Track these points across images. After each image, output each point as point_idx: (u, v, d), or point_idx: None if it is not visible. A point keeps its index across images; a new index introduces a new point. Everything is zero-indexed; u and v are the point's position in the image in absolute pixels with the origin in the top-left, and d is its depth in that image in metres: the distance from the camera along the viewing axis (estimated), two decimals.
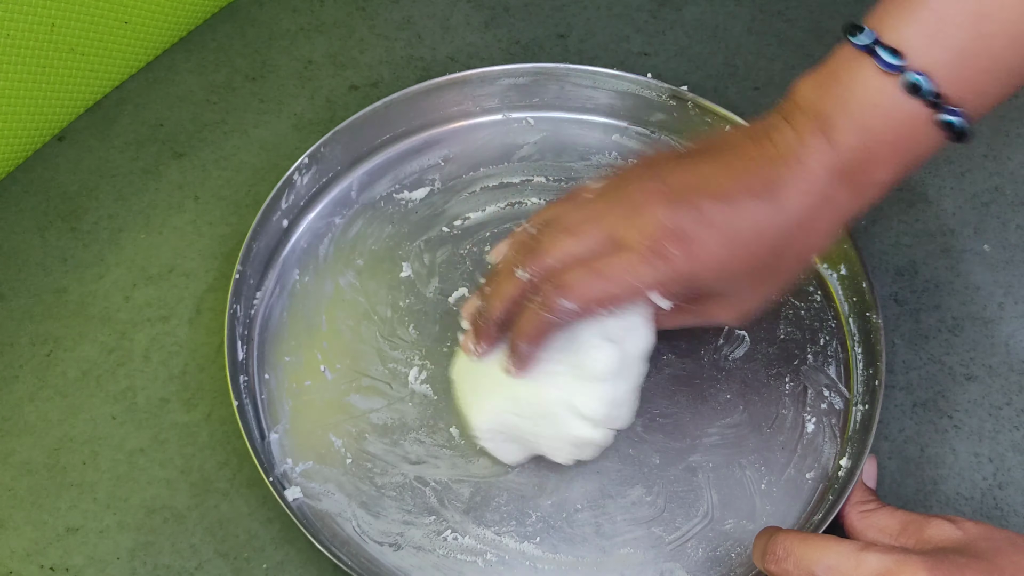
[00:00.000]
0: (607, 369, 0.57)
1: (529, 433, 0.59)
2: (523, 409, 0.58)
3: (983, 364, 0.66)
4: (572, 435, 0.58)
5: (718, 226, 0.53)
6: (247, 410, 0.62)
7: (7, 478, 0.62)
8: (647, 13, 0.81)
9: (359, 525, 0.60)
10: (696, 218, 0.53)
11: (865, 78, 0.52)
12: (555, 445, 0.59)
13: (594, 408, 0.58)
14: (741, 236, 0.53)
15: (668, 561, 0.59)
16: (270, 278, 0.68)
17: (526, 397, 0.58)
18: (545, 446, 0.59)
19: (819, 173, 0.53)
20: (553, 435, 0.58)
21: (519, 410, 0.58)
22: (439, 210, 0.71)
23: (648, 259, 0.53)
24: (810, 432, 0.62)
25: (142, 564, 0.59)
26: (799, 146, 0.53)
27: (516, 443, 0.60)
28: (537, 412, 0.58)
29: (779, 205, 0.53)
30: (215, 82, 0.78)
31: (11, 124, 0.71)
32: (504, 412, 0.58)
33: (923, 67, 0.51)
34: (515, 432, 0.59)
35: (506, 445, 0.60)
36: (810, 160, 0.53)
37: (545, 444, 0.59)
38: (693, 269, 0.53)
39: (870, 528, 0.55)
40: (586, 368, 0.57)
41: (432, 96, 0.72)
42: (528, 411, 0.58)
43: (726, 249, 0.53)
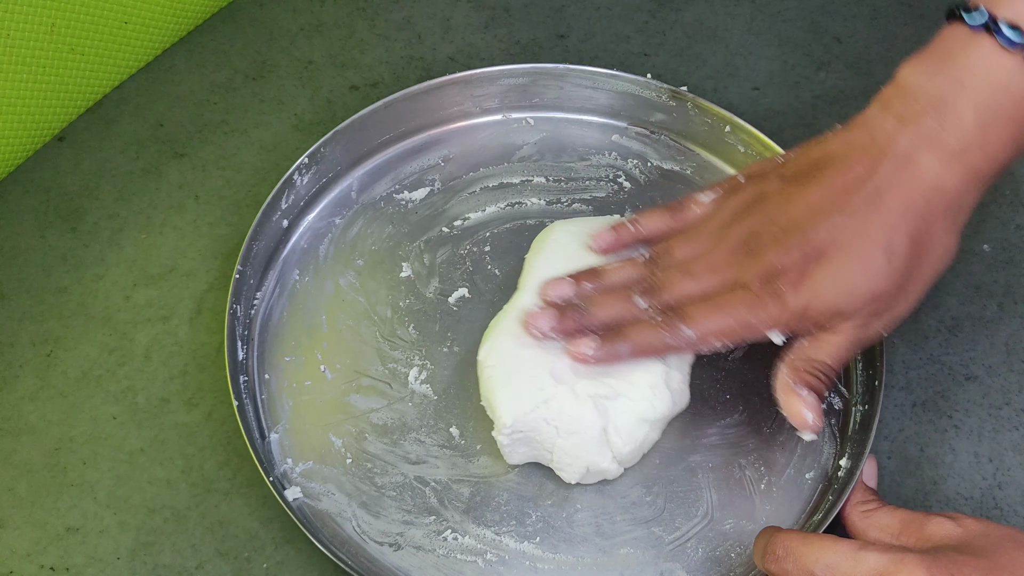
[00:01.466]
0: (658, 416, 0.59)
1: (548, 441, 0.59)
2: (555, 417, 0.58)
3: (983, 364, 0.66)
4: (592, 460, 0.59)
5: (826, 259, 0.55)
6: (247, 410, 0.62)
7: (7, 478, 0.62)
8: (647, 13, 0.81)
9: (359, 525, 0.60)
10: (805, 254, 0.55)
11: (985, 56, 0.52)
12: (568, 462, 0.59)
13: (625, 444, 0.59)
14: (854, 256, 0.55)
15: (668, 561, 0.59)
16: (270, 278, 0.68)
17: (563, 408, 0.58)
18: (557, 459, 0.59)
19: (926, 164, 0.53)
20: (573, 453, 0.58)
21: (550, 416, 0.58)
22: (439, 210, 0.71)
23: (762, 298, 0.55)
24: None
25: (142, 564, 0.59)
26: (903, 137, 0.54)
27: (528, 446, 0.60)
28: (567, 427, 0.58)
29: (886, 216, 0.54)
30: (215, 82, 0.78)
31: (11, 124, 0.71)
32: (535, 413, 0.58)
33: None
34: (535, 436, 0.59)
35: (518, 446, 0.60)
36: (917, 153, 0.54)
37: (559, 458, 0.59)
38: (804, 303, 0.55)
39: (872, 527, 0.55)
40: (637, 405, 0.58)
41: (432, 96, 0.72)
42: (559, 421, 0.58)
43: (835, 281, 0.55)
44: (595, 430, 0.58)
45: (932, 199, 0.54)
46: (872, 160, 0.55)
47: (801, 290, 0.55)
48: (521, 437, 0.59)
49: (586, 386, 0.58)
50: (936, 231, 0.55)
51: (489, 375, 0.60)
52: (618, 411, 0.58)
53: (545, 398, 0.58)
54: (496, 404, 0.59)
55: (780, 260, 0.55)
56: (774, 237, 0.56)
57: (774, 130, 0.73)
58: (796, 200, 0.56)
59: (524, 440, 0.59)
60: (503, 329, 0.61)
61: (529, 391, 0.58)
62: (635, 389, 0.58)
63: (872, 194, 0.55)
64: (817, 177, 0.56)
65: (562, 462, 0.59)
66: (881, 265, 0.54)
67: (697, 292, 0.57)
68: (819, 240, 0.55)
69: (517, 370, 0.59)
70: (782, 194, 0.57)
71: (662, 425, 0.60)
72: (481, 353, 0.61)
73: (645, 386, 0.58)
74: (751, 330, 0.56)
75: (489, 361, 0.60)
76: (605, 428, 0.58)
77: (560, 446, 0.58)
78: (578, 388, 0.58)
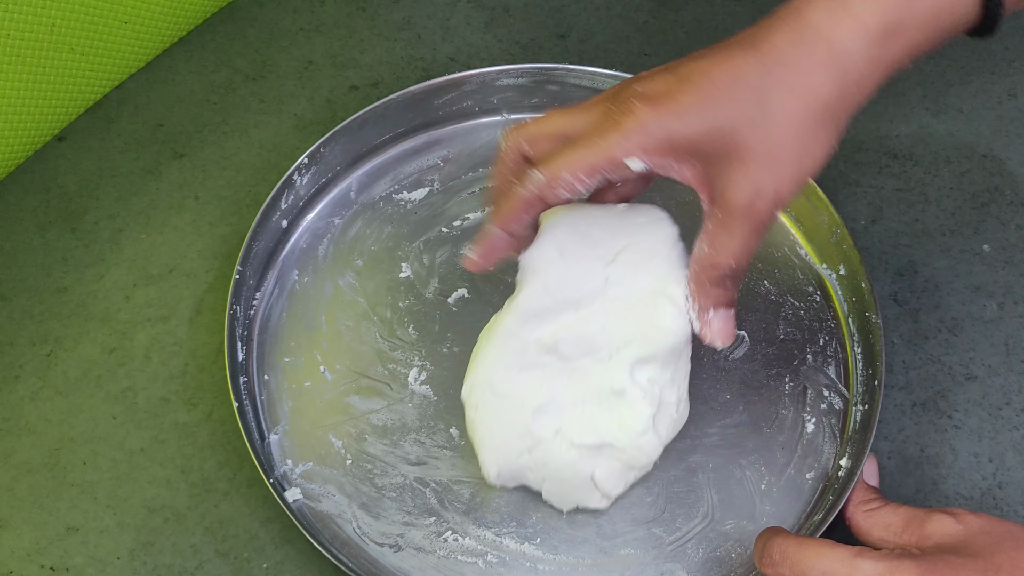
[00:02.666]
0: (646, 462, 0.58)
1: (535, 483, 0.59)
2: (539, 467, 0.58)
3: (983, 364, 0.66)
4: (580, 500, 0.59)
5: (690, 78, 0.51)
6: (247, 411, 0.62)
7: (7, 478, 0.62)
8: (647, 13, 0.81)
9: (359, 526, 0.60)
10: (669, 79, 0.52)
11: None
12: (556, 500, 0.59)
13: (613, 489, 0.59)
14: (715, 81, 0.51)
15: (668, 562, 0.59)
16: (270, 278, 0.68)
17: (547, 459, 0.57)
18: (547, 495, 0.59)
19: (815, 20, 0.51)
20: (560, 494, 0.59)
21: (534, 465, 0.58)
22: (438, 211, 0.71)
23: (616, 120, 0.52)
24: (810, 432, 0.62)
25: (142, 564, 0.59)
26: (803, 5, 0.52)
27: (517, 481, 0.60)
28: (553, 475, 0.58)
29: (761, 49, 0.51)
30: (215, 82, 0.78)
31: (11, 124, 0.71)
32: (519, 461, 0.58)
33: None
34: (523, 476, 0.59)
35: (507, 482, 0.60)
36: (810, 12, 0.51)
37: (547, 495, 0.59)
38: (660, 119, 0.51)
39: (875, 526, 0.54)
40: (624, 454, 0.57)
41: (432, 96, 0.72)
42: (544, 470, 0.58)
43: (695, 95, 0.51)
44: (582, 477, 0.58)
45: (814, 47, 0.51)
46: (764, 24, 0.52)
47: (661, 110, 0.51)
48: (510, 477, 0.59)
49: (571, 434, 0.57)
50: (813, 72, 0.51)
51: (471, 417, 0.59)
52: (605, 458, 0.57)
53: (528, 447, 0.57)
54: (479, 452, 0.59)
55: (645, 87, 0.52)
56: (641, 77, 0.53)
57: None
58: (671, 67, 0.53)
59: (511, 480, 0.59)
60: (485, 367, 0.58)
61: (512, 438, 0.57)
62: (622, 435, 0.57)
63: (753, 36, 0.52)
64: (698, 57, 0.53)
65: (551, 498, 0.59)
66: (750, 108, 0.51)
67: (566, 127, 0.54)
68: (686, 67, 0.52)
69: (498, 415, 0.58)
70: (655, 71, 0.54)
71: (650, 465, 0.60)
72: (464, 389, 0.59)
73: (632, 432, 0.57)
74: (602, 155, 0.52)
75: (471, 400, 0.59)
76: (592, 475, 0.58)
77: (547, 488, 0.59)
78: (562, 437, 0.57)
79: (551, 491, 0.59)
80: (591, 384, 0.57)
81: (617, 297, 0.57)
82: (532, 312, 0.58)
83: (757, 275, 0.68)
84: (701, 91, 0.51)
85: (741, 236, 0.52)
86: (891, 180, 0.73)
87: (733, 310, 0.55)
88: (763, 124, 0.51)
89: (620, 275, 0.58)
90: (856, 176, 0.73)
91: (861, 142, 0.74)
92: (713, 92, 0.51)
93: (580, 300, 0.58)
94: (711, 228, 0.53)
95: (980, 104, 0.76)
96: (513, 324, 0.58)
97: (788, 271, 0.68)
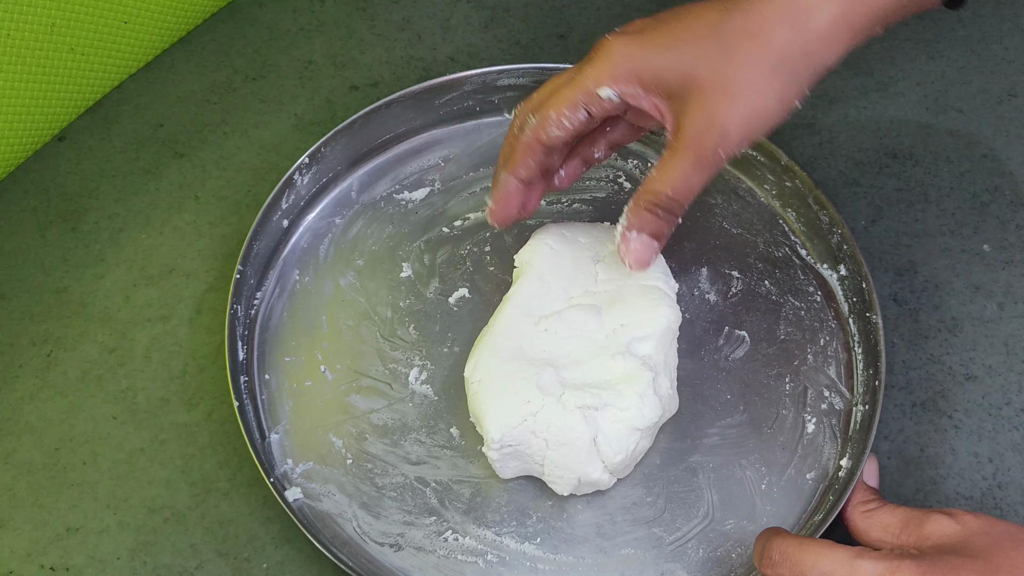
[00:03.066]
0: (648, 423, 0.59)
1: (538, 454, 0.59)
2: (543, 429, 0.58)
3: (983, 364, 0.66)
4: (583, 471, 0.58)
5: (661, 19, 0.56)
6: (247, 410, 0.62)
7: (7, 478, 0.62)
8: (647, 13, 0.81)
9: (359, 526, 0.60)
10: (644, 21, 0.57)
11: None
12: (559, 474, 0.59)
13: (616, 453, 0.58)
14: (682, 21, 0.55)
15: (669, 562, 0.59)
16: (270, 278, 0.68)
17: (551, 419, 0.58)
18: (548, 472, 0.59)
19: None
20: (563, 465, 0.58)
21: (538, 428, 0.58)
22: (439, 210, 0.71)
23: (590, 57, 0.56)
24: (810, 432, 0.62)
25: (142, 564, 0.59)
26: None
27: (519, 460, 0.60)
28: (556, 438, 0.58)
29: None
30: (215, 82, 0.78)
31: (11, 124, 0.71)
32: (523, 426, 0.58)
33: None
34: (525, 449, 0.59)
35: (509, 460, 0.60)
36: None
37: (549, 470, 0.59)
38: (628, 50, 0.55)
39: (873, 527, 0.54)
40: (626, 413, 0.58)
41: (433, 96, 0.72)
42: (547, 433, 0.58)
43: (663, 32, 0.55)
44: (585, 440, 0.58)
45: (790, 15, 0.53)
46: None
47: (630, 43, 0.55)
48: (511, 451, 0.59)
49: (573, 397, 0.58)
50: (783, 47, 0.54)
51: (475, 391, 0.60)
52: (607, 420, 0.58)
53: (532, 410, 0.58)
54: (484, 419, 0.59)
55: (621, 28, 0.57)
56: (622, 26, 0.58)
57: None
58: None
59: (514, 454, 0.59)
60: (488, 345, 0.61)
61: (516, 404, 0.58)
62: (623, 398, 0.58)
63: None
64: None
65: (553, 474, 0.59)
66: (710, 47, 0.54)
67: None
68: (661, 15, 0.56)
69: (503, 384, 0.59)
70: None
71: (653, 432, 0.60)
72: (467, 370, 0.61)
73: (633, 394, 0.58)
74: (578, 89, 0.56)
75: (475, 377, 0.60)
76: (595, 438, 0.58)
77: (550, 458, 0.58)
78: (565, 399, 0.58)
79: (553, 463, 0.58)
80: (592, 352, 0.60)
81: (609, 289, 0.62)
82: (531, 297, 0.62)
83: (758, 275, 0.68)
84: (669, 30, 0.55)
85: (682, 166, 0.55)
86: (891, 180, 0.73)
87: (656, 243, 0.57)
88: (719, 62, 0.54)
89: (610, 272, 0.63)
90: (856, 176, 0.73)
91: (861, 142, 0.74)
92: (679, 30, 0.55)
93: (575, 288, 0.63)
94: (662, 157, 0.56)
95: (980, 104, 0.76)
96: (514, 310, 0.62)
97: (789, 271, 0.68)
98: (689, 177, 0.55)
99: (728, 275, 0.68)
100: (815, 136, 0.74)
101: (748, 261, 0.68)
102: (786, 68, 0.54)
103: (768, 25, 0.53)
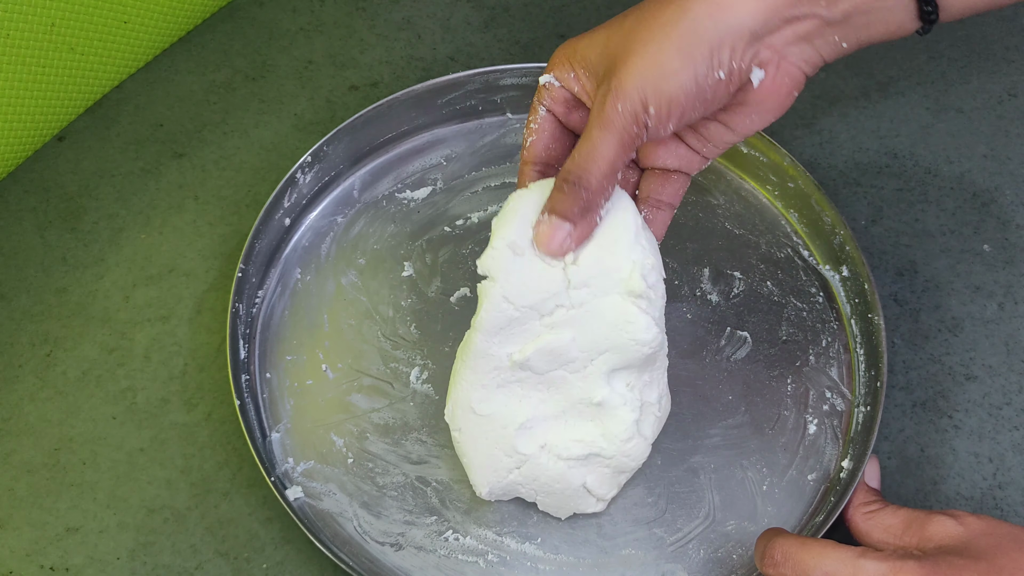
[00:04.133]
0: (634, 466, 0.58)
1: (529, 496, 0.59)
2: (529, 482, 0.58)
3: (983, 364, 0.66)
4: (576, 507, 0.59)
5: (620, 16, 0.54)
6: (249, 409, 0.61)
7: (7, 478, 0.62)
8: None
9: (360, 525, 0.60)
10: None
11: None
12: (552, 509, 0.59)
13: (607, 493, 0.59)
14: (629, 13, 0.53)
15: (669, 562, 0.59)
16: (272, 277, 0.68)
17: (537, 474, 0.57)
18: (541, 506, 0.59)
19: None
20: (556, 505, 0.59)
21: (524, 481, 0.58)
22: (441, 210, 0.71)
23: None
24: (812, 433, 0.62)
25: (142, 564, 0.59)
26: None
27: (513, 496, 0.60)
28: (544, 488, 0.58)
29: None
30: (215, 82, 0.78)
31: (11, 124, 0.71)
32: (510, 478, 0.58)
33: None
34: (515, 492, 0.59)
35: (502, 497, 0.60)
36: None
37: (542, 505, 0.59)
38: (573, 42, 0.55)
39: (875, 528, 0.54)
40: (612, 461, 0.57)
41: (435, 95, 0.72)
42: (534, 484, 0.58)
43: (610, 25, 0.54)
44: (573, 488, 0.58)
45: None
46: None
47: (577, 39, 0.55)
48: (502, 492, 0.59)
49: (558, 448, 0.56)
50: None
51: (456, 439, 0.58)
52: (593, 467, 0.57)
53: (516, 464, 0.57)
54: (469, 471, 0.59)
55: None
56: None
57: (774, 129, 0.73)
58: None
59: (504, 495, 0.59)
60: (463, 392, 0.56)
61: (499, 458, 0.57)
62: (609, 444, 0.56)
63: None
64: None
65: (547, 508, 0.59)
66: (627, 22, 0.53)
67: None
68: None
69: (483, 435, 0.57)
70: None
71: (639, 465, 0.59)
72: (447, 411, 0.58)
73: (617, 440, 0.56)
74: (536, 92, 0.57)
75: (455, 424, 0.58)
76: (584, 483, 0.58)
77: (541, 500, 0.59)
78: (548, 450, 0.57)
79: (546, 503, 0.59)
80: (570, 396, 0.56)
81: (583, 302, 0.54)
82: (496, 326, 0.54)
83: (760, 276, 0.68)
84: (610, 21, 0.54)
85: (587, 133, 0.51)
86: (891, 180, 0.73)
87: (567, 224, 0.52)
88: (631, 34, 0.52)
89: (583, 276, 0.53)
90: (856, 176, 0.73)
91: (861, 142, 0.74)
92: (616, 19, 0.54)
93: (543, 306, 0.54)
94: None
95: (980, 104, 0.76)
96: (481, 342, 0.55)
97: (791, 272, 0.68)
98: (594, 142, 0.51)
99: (730, 276, 0.68)
100: (815, 136, 0.74)
101: (750, 262, 0.68)
102: (686, 25, 0.51)
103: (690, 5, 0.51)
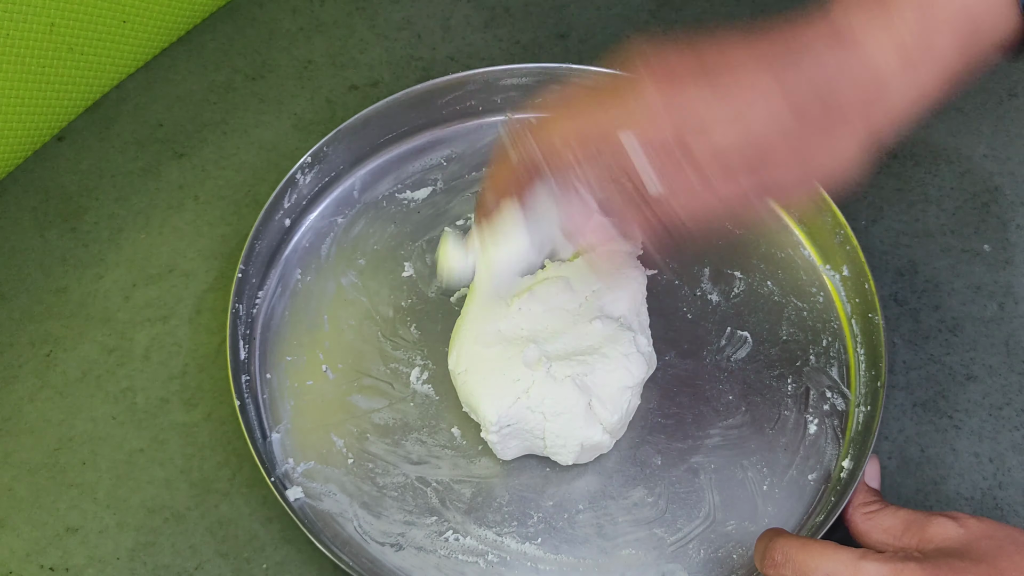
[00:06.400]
0: (636, 380, 0.60)
1: (537, 428, 0.59)
2: (538, 403, 0.58)
3: (983, 364, 0.66)
4: (583, 436, 0.59)
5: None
6: (249, 409, 0.61)
7: (7, 478, 0.62)
8: (647, 13, 0.81)
9: (360, 525, 0.60)
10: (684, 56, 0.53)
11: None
12: (561, 444, 0.59)
13: (612, 413, 0.59)
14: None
15: (670, 562, 0.59)
16: (272, 277, 0.68)
17: (544, 392, 0.58)
18: (550, 444, 0.59)
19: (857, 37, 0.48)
20: (563, 434, 0.59)
21: (533, 404, 0.58)
22: (441, 210, 0.71)
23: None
24: (812, 433, 0.62)
25: (142, 564, 0.59)
26: (842, 19, 0.49)
27: (519, 439, 0.60)
28: (552, 409, 0.58)
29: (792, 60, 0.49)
30: (215, 82, 0.78)
31: (11, 124, 0.71)
32: (518, 404, 0.58)
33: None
34: (523, 426, 0.59)
35: (509, 440, 0.60)
36: (855, 31, 0.48)
37: (551, 441, 0.59)
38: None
39: (874, 529, 0.54)
40: (615, 374, 0.59)
41: (436, 96, 0.72)
42: (543, 406, 0.58)
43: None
44: (580, 406, 0.58)
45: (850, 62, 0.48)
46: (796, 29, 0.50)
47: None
48: (510, 431, 0.59)
49: (561, 367, 0.59)
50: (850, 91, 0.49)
51: (464, 380, 0.60)
52: (598, 384, 0.59)
53: (524, 387, 0.59)
54: (478, 405, 0.59)
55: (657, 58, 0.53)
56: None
57: None
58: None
59: (513, 433, 0.59)
60: (466, 333, 0.61)
61: (507, 384, 0.59)
62: (609, 360, 0.59)
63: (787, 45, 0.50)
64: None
65: (555, 445, 0.59)
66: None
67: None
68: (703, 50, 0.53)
69: (490, 368, 0.60)
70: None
71: (640, 388, 0.61)
72: (450, 362, 0.61)
73: (618, 355, 0.59)
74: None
75: (460, 367, 0.61)
76: (590, 402, 0.59)
77: (550, 430, 0.59)
78: (554, 371, 0.59)
79: (553, 434, 0.59)
80: (570, 322, 0.61)
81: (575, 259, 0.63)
82: (502, 275, 0.60)
83: (760, 276, 0.68)
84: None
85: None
86: (891, 180, 0.73)
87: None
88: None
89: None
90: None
91: None
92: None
93: (543, 261, 0.62)
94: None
95: (980, 104, 0.76)
96: (484, 296, 0.62)
97: (791, 272, 0.68)
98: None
99: (731, 275, 0.68)
100: None
101: (751, 262, 0.68)
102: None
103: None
